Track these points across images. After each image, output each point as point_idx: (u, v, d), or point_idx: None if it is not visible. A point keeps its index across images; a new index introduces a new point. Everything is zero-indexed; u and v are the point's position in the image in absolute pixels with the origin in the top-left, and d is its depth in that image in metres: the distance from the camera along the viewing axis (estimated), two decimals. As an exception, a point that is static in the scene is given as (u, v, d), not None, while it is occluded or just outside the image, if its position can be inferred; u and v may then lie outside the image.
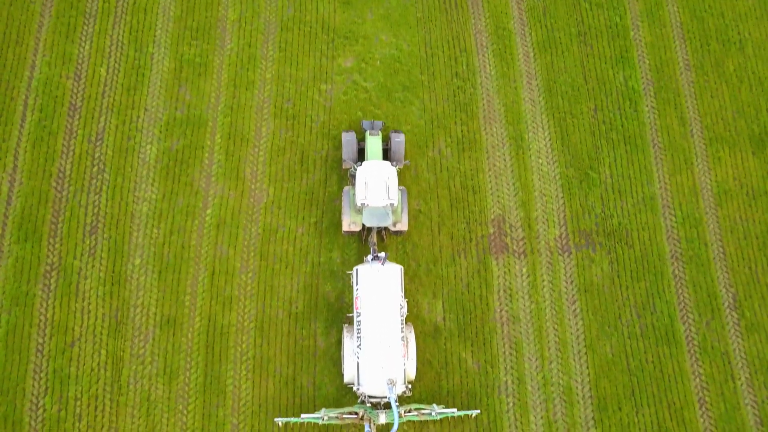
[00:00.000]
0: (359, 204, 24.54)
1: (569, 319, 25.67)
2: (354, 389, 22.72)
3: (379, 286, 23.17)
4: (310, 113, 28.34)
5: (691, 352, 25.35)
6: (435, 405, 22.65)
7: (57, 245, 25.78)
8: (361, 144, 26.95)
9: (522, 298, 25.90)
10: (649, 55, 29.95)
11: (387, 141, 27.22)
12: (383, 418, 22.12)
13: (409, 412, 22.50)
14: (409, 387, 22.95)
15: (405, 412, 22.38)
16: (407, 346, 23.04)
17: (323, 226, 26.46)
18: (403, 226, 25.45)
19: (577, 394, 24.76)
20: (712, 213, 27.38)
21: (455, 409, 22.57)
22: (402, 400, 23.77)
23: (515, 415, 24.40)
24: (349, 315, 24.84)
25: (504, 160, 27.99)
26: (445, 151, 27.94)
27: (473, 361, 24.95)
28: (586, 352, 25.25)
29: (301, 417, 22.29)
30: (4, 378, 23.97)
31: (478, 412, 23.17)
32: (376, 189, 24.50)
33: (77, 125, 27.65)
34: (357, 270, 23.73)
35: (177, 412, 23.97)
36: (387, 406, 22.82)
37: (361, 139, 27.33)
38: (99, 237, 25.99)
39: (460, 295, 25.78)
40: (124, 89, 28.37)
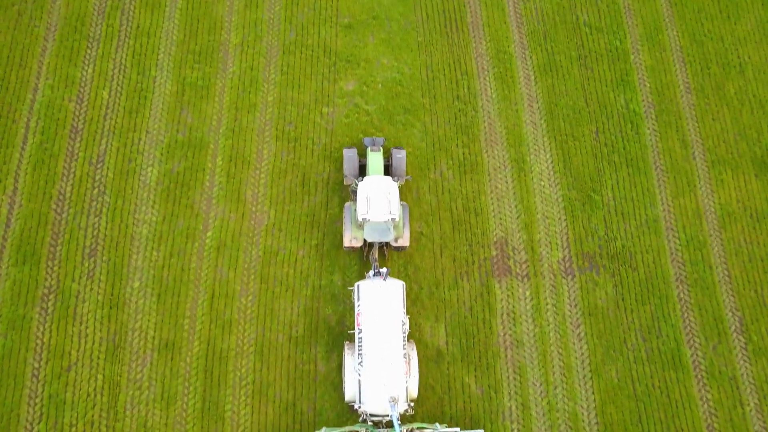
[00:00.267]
0: (360, 219, 24.05)
1: (574, 343, 24.97)
2: (355, 407, 22.03)
3: (381, 302, 22.58)
4: (311, 136, 27.97)
5: (699, 377, 24.59)
6: (438, 424, 21.95)
7: (55, 268, 25.21)
8: (363, 160, 26.61)
9: (526, 321, 25.23)
10: (650, 79, 29.68)
11: (388, 157, 26.90)
12: (385, 438, 21.46)
13: (412, 431, 21.80)
14: (412, 405, 22.25)
15: (407, 431, 21.68)
16: (409, 363, 22.41)
17: (324, 248, 25.91)
18: (405, 241, 24.95)
19: (583, 420, 23.95)
20: (716, 235, 26.83)
21: (458, 429, 21.86)
22: (404, 419, 23.00)
23: (520, 442, 23.60)
24: (351, 332, 24.20)
25: (506, 182, 27.54)
26: (447, 174, 27.50)
27: (477, 386, 24.19)
28: (591, 377, 24.50)
29: None
30: (-2, 403, 23.26)
31: (481, 431, 22.45)
32: (377, 204, 24.04)
33: (78, 147, 27.27)
34: (358, 286, 23.18)
35: (174, 438, 23.19)
36: (389, 425, 22.16)
37: (363, 156, 27.04)
38: (98, 260, 25.42)
39: (462, 319, 25.12)
40: (126, 112, 28.05)
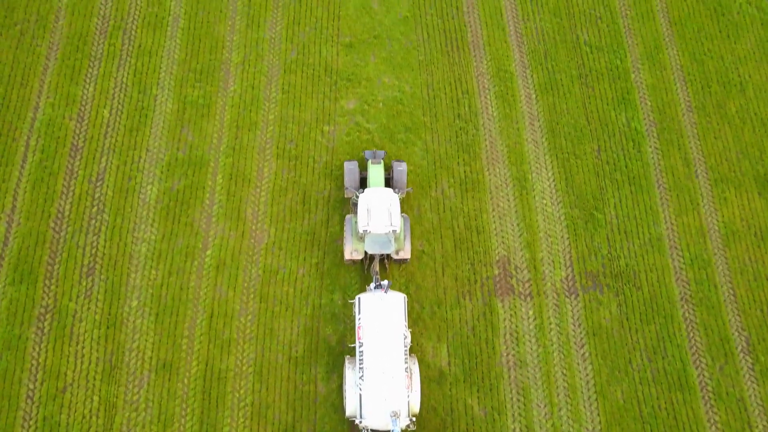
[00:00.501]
0: (361, 231, 23.60)
1: (578, 364, 24.30)
2: (356, 423, 21.33)
3: (382, 315, 22.05)
4: (312, 154, 27.59)
5: (706, 398, 23.89)
6: None
7: (53, 287, 24.66)
8: (363, 173, 26.28)
9: (529, 341, 24.60)
10: (651, 97, 29.37)
11: (389, 170, 26.56)
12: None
13: None
14: (414, 420, 21.56)
15: None
16: (411, 377, 21.80)
17: (324, 267, 25.37)
18: (406, 254, 24.48)
19: (589, 442, 23.24)
20: (720, 254, 26.30)
21: None
22: (406, 446, 22.32)
23: (524, 466, 22.84)
24: (351, 345, 23.61)
25: (508, 200, 27.08)
26: (448, 192, 27.06)
27: (479, 408, 23.48)
28: (596, 398, 23.80)
29: None
30: (-9, 425, 22.57)
31: None
32: (378, 216, 23.62)
33: (78, 166, 26.88)
34: (359, 299, 22.66)
35: (171, 461, 22.44)
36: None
37: (364, 169, 26.70)
38: (96, 278, 24.88)
39: (465, 339, 24.49)
40: (126, 130, 27.71)
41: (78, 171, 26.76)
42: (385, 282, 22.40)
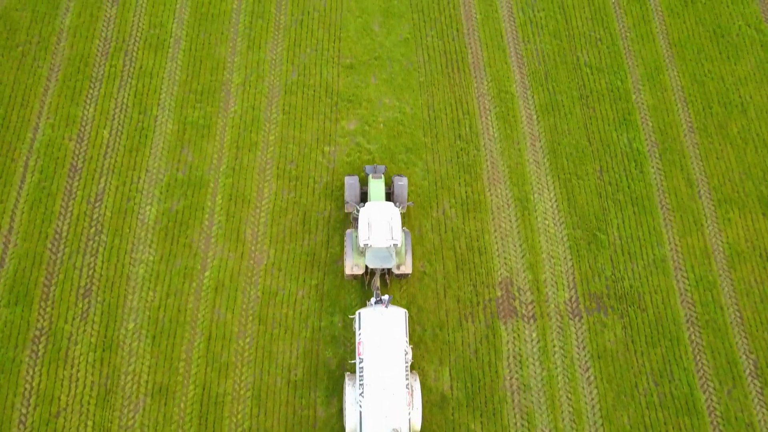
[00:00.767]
0: (362, 245, 23.03)
1: (583, 388, 23.56)
2: None
3: (383, 330, 21.41)
4: (312, 174, 27.15)
5: (714, 423, 23.10)
6: None
7: (48, 309, 24.03)
8: (364, 188, 25.83)
9: (533, 364, 23.89)
10: (652, 118, 29.03)
11: (390, 185, 26.12)
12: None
13: None
14: None
15: None
16: (412, 394, 21.08)
17: (324, 288, 24.76)
18: (407, 268, 23.89)
19: (595, 469, 22.41)
20: (725, 276, 25.70)
21: None
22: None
23: (529, 493, 21.99)
24: (352, 362, 22.90)
25: (510, 221, 26.57)
26: (450, 212, 26.56)
27: (483, 433, 22.72)
28: (602, 423, 23.01)
29: None
30: (-18, 452, 21.78)
31: None
32: (379, 229, 23.08)
33: (77, 186, 26.43)
34: (359, 314, 22.04)
35: (166, 489, 21.60)
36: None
37: (364, 184, 26.26)
38: (92, 300, 24.27)
39: (467, 362, 23.79)
40: (126, 151, 27.32)
41: (76, 192, 26.31)
42: (386, 297, 21.83)
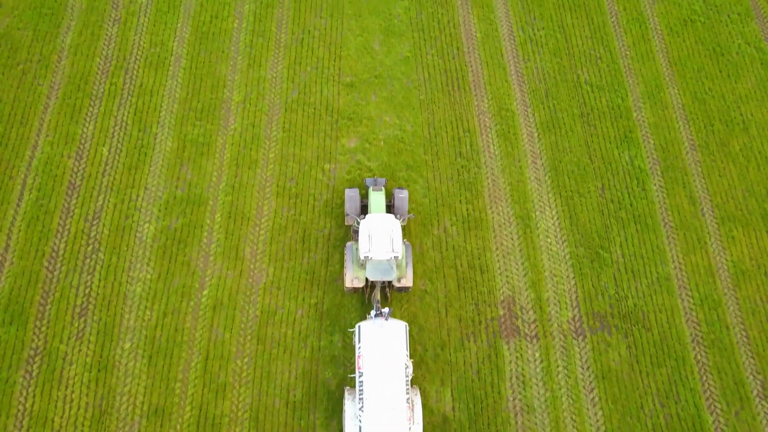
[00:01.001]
0: (362, 257, 22.54)
1: (588, 409, 22.92)
2: None
3: (383, 343, 20.88)
4: (312, 192, 26.78)
5: (722, 445, 22.45)
6: None
7: (43, 328, 23.49)
8: (364, 201, 25.45)
9: (536, 385, 23.27)
10: (654, 136, 28.74)
11: (390, 198, 25.75)
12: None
13: None
14: None
15: None
16: (413, 409, 20.45)
17: (324, 307, 24.24)
18: (408, 281, 23.41)
19: (601, 493, 21.70)
20: (730, 294, 25.19)
21: None
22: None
23: None
24: (351, 376, 22.29)
25: (511, 239, 26.13)
26: (451, 230, 26.13)
27: (486, 456, 22.03)
28: (608, 445, 22.37)
29: None
30: (-28, 475, 21.10)
31: None
32: (379, 242, 22.63)
33: (75, 204, 26.04)
34: (359, 327, 21.52)
35: None
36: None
37: (365, 197, 25.89)
38: (88, 319, 23.73)
39: (470, 383, 23.18)
40: (125, 168, 26.98)
41: (74, 209, 25.91)
42: (386, 309, 21.33)
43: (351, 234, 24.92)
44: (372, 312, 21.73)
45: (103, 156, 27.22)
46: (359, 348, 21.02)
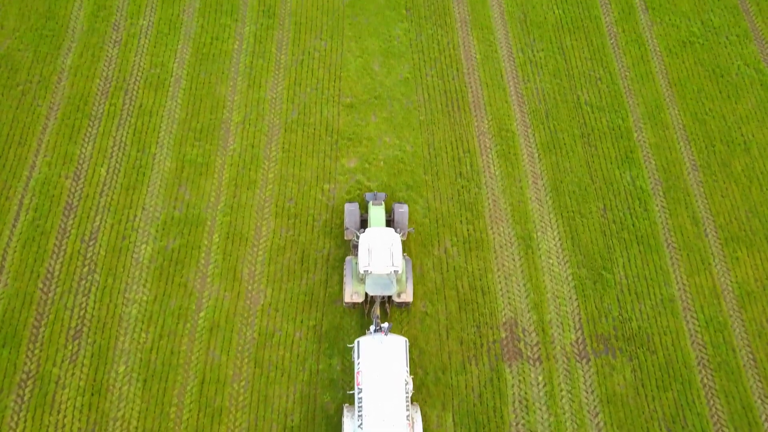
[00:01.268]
0: (362, 271, 22.05)
1: (593, 434, 22.25)
2: None
3: (382, 359, 20.30)
4: (312, 212, 26.38)
5: (732, 472, 21.73)
6: None
7: (36, 351, 22.90)
8: (364, 215, 25.09)
9: (539, 409, 22.60)
10: (655, 156, 28.44)
11: (390, 212, 25.38)
12: None
13: None
14: None
15: None
16: (413, 426, 19.79)
17: (323, 329, 23.68)
18: (408, 296, 22.92)
19: None
20: (736, 316, 24.64)
21: None
22: None
23: None
24: (350, 392, 21.63)
25: (513, 260, 25.65)
26: (452, 251, 25.67)
27: (488, 484, 21.29)
28: (614, 472, 21.64)
29: None
30: (-40, 504, 20.34)
31: None
32: (379, 256, 22.16)
33: (71, 224, 25.61)
34: (358, 342, 20.96)
35: None
36: None
37: (364, 212, 25.51)
38: (82, 342, 23.15)
39: (471, 407, 22.52)
40: (123, 188, 26.62)
41: (71, 230, 25.49)
42: (386, 324, 20.80)
43: (350, 249, 24.50)
44: (371, 327, 21.19)
45: (101, 176, 26.88)
46: (358, 364, 20.48)
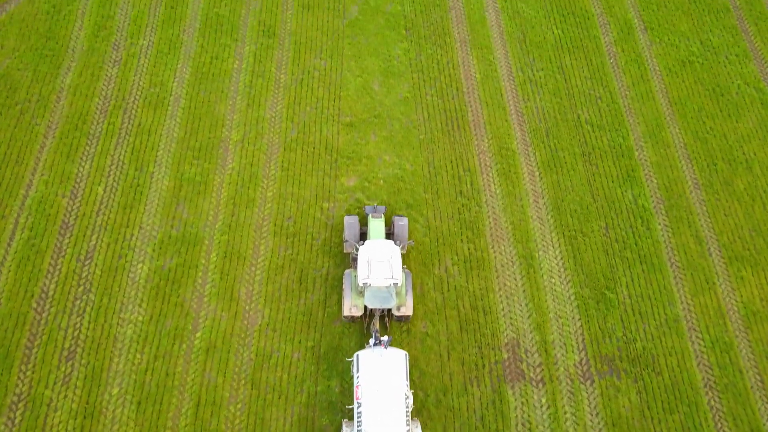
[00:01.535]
0: (361, 284, 21.63)
1: (598, 459, 21.59)
2: None
3: (382, 373, 19.78)
4: (311, 231, 25.99)
5: (742, 498, 21.03)
6: None
7: (29, 372, 22.32)
8: (364, 228, 24.78)
9: (543, 433, 21.98)
10: (657, 175, 28.14)
11: (390, 225, 25.07)
12: None
13: None
14: None
15: None
16: None
17: (321, 350, 23.13)
18: (408, 310, 22.49)
19: None
20: (742, 336, 24.11)
21: None
22: None
23: None
24: (349, 407, 21.00)
25: (515, 279, 25.20)
26: (452, 270, 25.22)
27: None
28: (620, 498, 20.94)
29: None
30: None
31: None
32: (379, 268, 21.77)
33: (67, 243, 25.21)
34: (357, 356, 20.45)
35: None
36: None
37: (364, 225, 25.20)
38: (76, 363, 22.59)
39: (473, 429, 21.87)
40: (120, 207, 26.26)
41: (66, 249, 25.07)
42: (386, 337, 20.29)
43: (350, 261, 24.09)
44: (371, 341, 20.67)
45: (98, 195, 26.54)
46: (357, 378, 19.97)
